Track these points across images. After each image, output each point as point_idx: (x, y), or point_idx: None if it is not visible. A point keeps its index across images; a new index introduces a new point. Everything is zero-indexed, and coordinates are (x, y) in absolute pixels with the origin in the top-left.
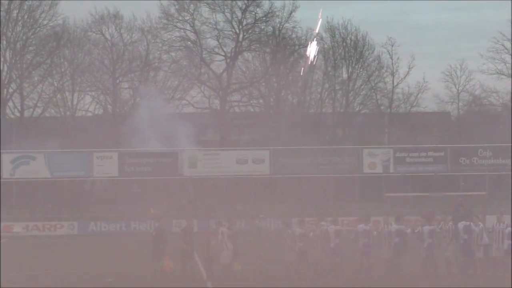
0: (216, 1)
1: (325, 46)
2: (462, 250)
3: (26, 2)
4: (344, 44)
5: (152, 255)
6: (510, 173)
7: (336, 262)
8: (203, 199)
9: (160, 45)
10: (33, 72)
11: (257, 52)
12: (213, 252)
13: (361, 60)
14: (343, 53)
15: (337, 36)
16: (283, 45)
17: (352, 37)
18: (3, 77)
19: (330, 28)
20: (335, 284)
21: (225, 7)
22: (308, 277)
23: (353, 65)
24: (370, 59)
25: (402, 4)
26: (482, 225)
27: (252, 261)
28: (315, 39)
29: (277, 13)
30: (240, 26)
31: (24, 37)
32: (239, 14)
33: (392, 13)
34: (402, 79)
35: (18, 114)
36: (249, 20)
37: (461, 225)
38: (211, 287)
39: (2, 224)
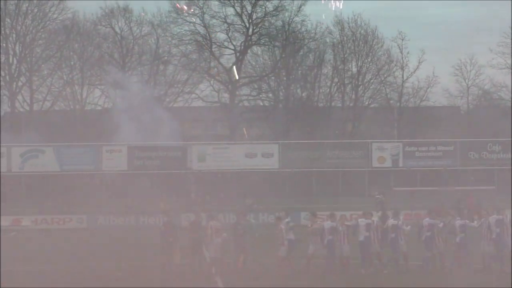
0: None
1: (334, 40)
2: (496, 245)
3: None
4: (354, 38)
5: (161, 249)
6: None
7: (364, 255)
8: (212, 194)
9: (170, 39)
10: (43, 65)
11: (267, 46)
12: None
13: (370, 54)
14: (352, 47)
15: (346, 30)
16: (293, 39)
17: (362, 31)
18: (12, 71)
19: (339, 22)
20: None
21: (235, 1)
22: (337, 270)
23: (363, 59)
24: (380, 53)
25: None
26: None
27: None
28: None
29: (286, 7)
30: (250, 20)
31: (33, 31)
32: (249, 8)
33: (403, 8)
34: (412, 73)
35: (27, 108)
36: (259, 14)
37: (493, 219)
38: (220, 282)
39: (11, 217)
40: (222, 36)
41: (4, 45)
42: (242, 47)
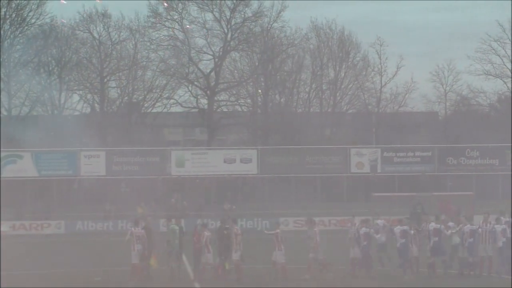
0: (205, 1)
1: (311, 46)
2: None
3: (14, 0)
4: (329, 43)
5: (141, 253)
6: (497, 173)
7: (401, 261)
8: (190, 199)
9: (148, 44)
10: (21, 70)
11: (245, 52)
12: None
13: (347, 59)
14: (329, 53)
15: (322, 35)
16: (271, 44)
17: (337, 37)
18: None
19: (315, 28)
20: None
21: (214, 6)
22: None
23: (340, 64)
24: (357, 59)
25: (391, 4)
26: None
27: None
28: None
29: (265, 13)
30: (229, 26)
31: (11, 36)
32: (227, 13)
33: (381, 13)
34: (390, 79)
35: (5, 113)
36: (237, 20)
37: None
38: (198, 287)
39: None
40: (200, 41)
41: None
42: (221, 53)
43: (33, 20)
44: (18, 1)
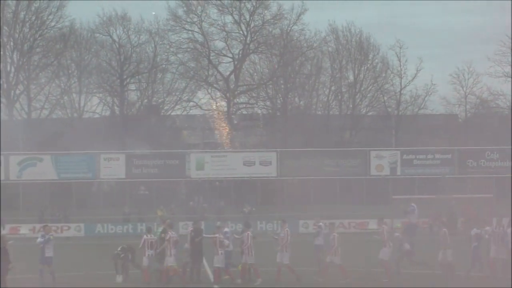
0: (224, 3)
1: (330, 48)
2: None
3: (34, 3)
4: (349, 46)
5: (158, 256)
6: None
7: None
8: (210, 201)
9: (168, 46)
10: (40, 73)
11: (265, 54)
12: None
13: (366, 62)
14: (348, 55)
15: (341, 38)
16: (291, 47)
17: (356, 39)
18: (10, 79)
19: (334, 31)
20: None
21: (233, 9)
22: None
23: (359, 67)
24: (376, 61)
25: (410, 7)
26: None
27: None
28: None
29: (285, 15)
30: (248, 28)
31: (31, 39)
32: (247, 16)
33: (400, 16)
34: (410, 81)
35: (25, 116)
36: (257, 22)
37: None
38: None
39: (8, 226)
40: (220, 44)
41: (2, 53)
42: (240, 55)
43: (52, 23)
44: (38, 3)
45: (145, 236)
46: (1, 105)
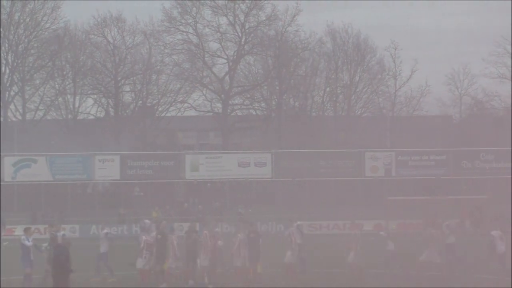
0: (219, 4)
1: (326, 50)
2: None
3: (28, 4)
4: (345, 47)
5: (155, 258)
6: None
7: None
8: (206, 203)
9: (162, 48)
10: (35, 75)
11: (260, 55)
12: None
13: (362, 63)
14: (344, 57)
15: (338, 39)
16: (285, 48)
17: (353, 41)
18: (4, 80)
19: (331, 32)
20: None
21: (228, 10)
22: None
23: (355, 68)
24: (372, 63)
25: (406, 9)
26: None
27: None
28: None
29: (280, 16)
30: (243, 29)
31: (26, 40)
32: (241, 17)
33: (396, 18)
34: (404, 82)
35: (19, 117)
36: (251, 24)
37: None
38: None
39: (2, 227)
40: (215, 45)
41: None
42: (235, 57)
43: (47, 25)
44: (33, 4)
45: (144, 237)
46: None
